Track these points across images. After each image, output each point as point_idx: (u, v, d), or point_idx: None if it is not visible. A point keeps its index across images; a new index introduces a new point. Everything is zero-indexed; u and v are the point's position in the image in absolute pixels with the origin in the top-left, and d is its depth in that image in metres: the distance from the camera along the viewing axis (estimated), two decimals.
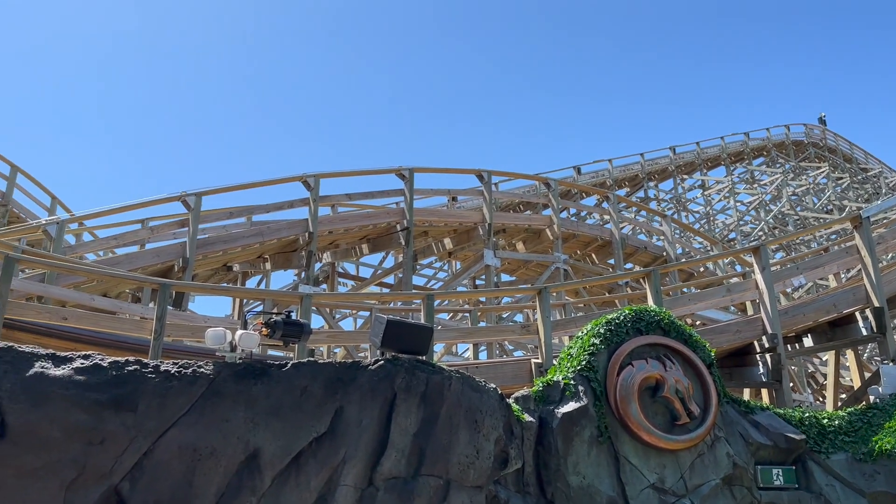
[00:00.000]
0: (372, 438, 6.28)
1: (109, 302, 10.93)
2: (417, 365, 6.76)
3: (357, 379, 6.43)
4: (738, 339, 11.04)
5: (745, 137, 36.47)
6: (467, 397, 6.78)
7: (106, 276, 11.27)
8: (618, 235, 18.67)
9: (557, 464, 7.55)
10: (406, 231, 16.16)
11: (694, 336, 8.99)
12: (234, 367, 6.12)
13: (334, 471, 6.05)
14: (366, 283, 19.75)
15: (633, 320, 8.72)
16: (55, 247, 12.27)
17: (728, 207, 33.29)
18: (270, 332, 6.48)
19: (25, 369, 5.66)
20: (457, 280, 18.78)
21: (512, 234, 18.74)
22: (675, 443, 8.09)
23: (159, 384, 5.86)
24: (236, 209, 14.79)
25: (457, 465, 6.52)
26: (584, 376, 8.16)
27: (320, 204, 15.22)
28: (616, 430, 8.02)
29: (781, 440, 8.68)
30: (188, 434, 5.75)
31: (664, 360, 8.49)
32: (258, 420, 5.94)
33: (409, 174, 16.26)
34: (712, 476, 8.19)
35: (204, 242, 13.90)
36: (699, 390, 8.54)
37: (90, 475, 5.51)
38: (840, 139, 40.63)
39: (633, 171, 32.59)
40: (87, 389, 5.66)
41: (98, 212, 13.79)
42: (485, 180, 17.29)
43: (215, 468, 5.71)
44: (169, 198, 13.67)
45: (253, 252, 15.21)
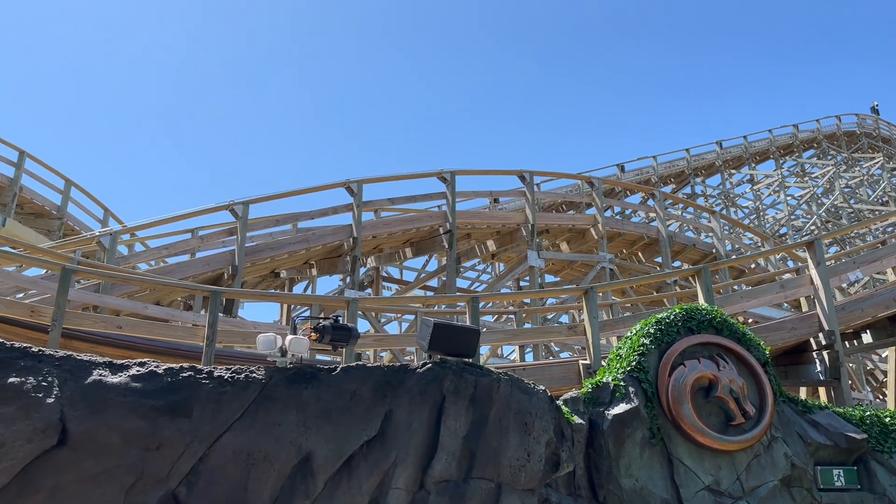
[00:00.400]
0: (422, 441, 6.28)
1: (162, 310, 11.18)
2: (465, 367, 6.74)
3: (405, 382, 6.44)
4: (794, 336, 10.76)
5: (794, 130, 35.50)
6: (516, 399, 6.73)
7: (158, 284, 11.54)
8: (665, 233, 18.37)
9: (609, 466, 7.45)
10: (449, 234, 16.17)
11: (748, 334, 8.79)
12: (284, 372, 6.20)
13: (385, 474, 6.07)
14: (410, 287, 19.82)
15: (684, 319, 8.57)
16: (109, 258, 12.61)
17: (778, 202, 32.46)
18: (319, 336, 6.54)
19: (84, 377, 5.81)
20: (501, 282, 18.70)
21: (555, 235, 18.60)
22: (730, 443, 7.93)
23: (213, 390, 5.95)
24: (282, 216, 15.00)
25: (508, 468, 6.48)
26: (635, 377, 8.05)
27: (364, 209, 15.33)
28: (669, 431, 7.89)
29: (842, 440, 8.43)
30: (242, 438, 5.83)
31: (717, 360, 8.33)
32: (309, 424, 5.99)
33: (451, 177, 16.27)
34: (770, 477, 8.00)
35: (252, 250, 14.13)
36: (754, 390, 8.36)
37: (148, 480, 5.62)
38: (894, 128, 39.29)
39: (678, 168, 32.01)
40: (144, 396, 5.79)
41: (149, 222, 14.12)
42: (527, 181, 17.20)
43: (269, 472, 5.78)
44: (217, 207, 13.93)
45: (299, 258, 15.41)
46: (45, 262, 10.74)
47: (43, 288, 10.30)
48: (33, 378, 5.64)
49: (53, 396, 5.60)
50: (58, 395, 5.62)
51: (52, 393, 5.62)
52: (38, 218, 18.58)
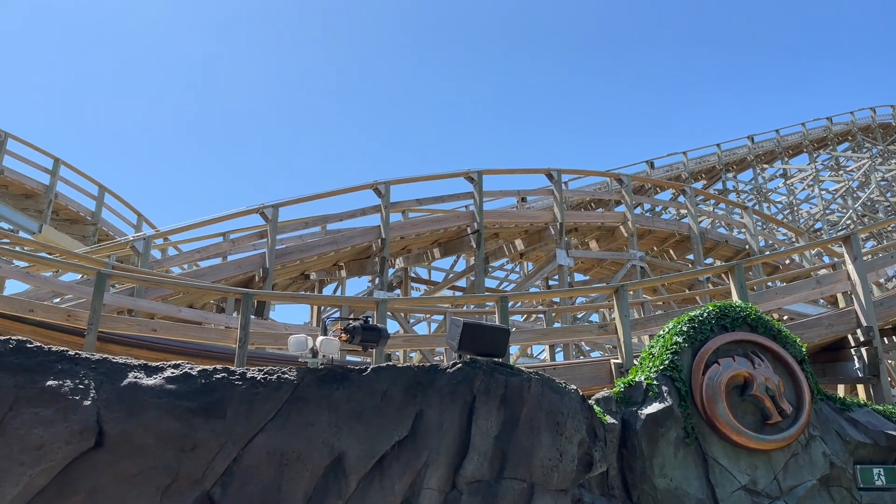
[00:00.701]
0: (453, 441, 6.28)
1: (195, 313, 11.33)
2: (496, 367, 6.72)
3: (436, 382, 6.44)
4: (831, 333, 10.53)
5: (827, 122, 34.82)
6: (548, 399, 6.69)
7: (191, 287, 11.70)
8: (696, 230, 18.13)
9: (643, 466, 7.37)
10: (476, 234, 16.15)
11: (783, 331, 8.64)
12: (316, 373, 6.23)
13: (417, 474, 6.07)
14: (438, 287, 19.83)
15: (718, 317, 8.44)
16: (142, 262, 12.82)
17: (812, 196, 31.88)
18: (350, 337, 6.57)
19: (120, 380, 5.90)
20: (529, 281, 18.63)
21: (584, 233, 18.46)
22: (766, 443, 7.80)
23: (246, 391, 6.01)
24: (311, 219, 15.10)
25: (540, 468, 6.45)
26: (668, 376, 7.95)
27: (391, 210, 15.37)
28: (703, 430, 7.78)
29: (882, 438, 8.26)
30: (275, 439, 5.88)
31: (752, 358, 8.20)
32: (341, 424, 6.02)
33: (478, 177, 16.24)
34: (808, 477, 7.86)
35: (282, 252, 14.25)
36: (791, 387, 8.21)
37: (183, 481, 5.69)
38: None
39: (709, 163, 31.58)
40: (178, 398, 5.86)
41: (181, 227, 14.33)
42: (554, 179, 17.10)
43: (302, 472, 5.82)
44: (248, 210, 14.08)
45: (328, 260, 15.50)
46: (80, 267, 10.95)
47: (79, 292, 10.51)
48: (70, 381, 5.75)
49: (90, 399, 5.70)
50: (94, 397, 5.72)
51: (89, 395, 5.72)
52: (73, 224, 18.98)
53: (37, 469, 5.37)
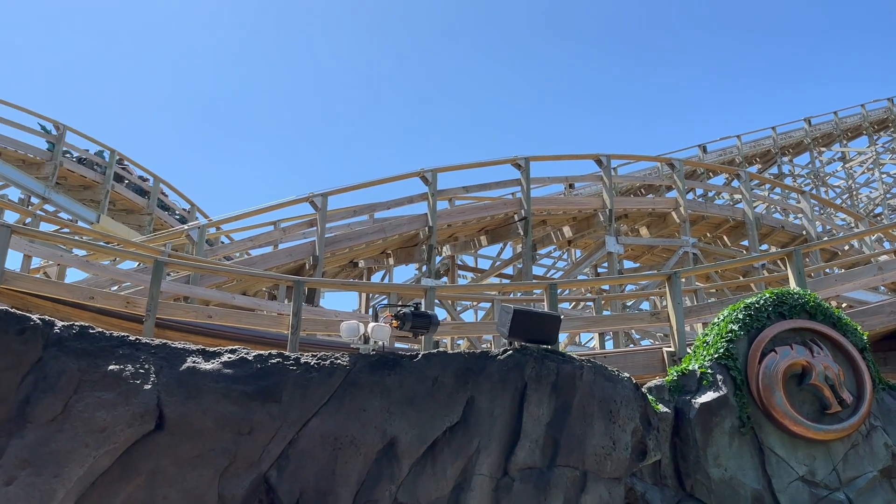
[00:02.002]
0: (504, 428, 6.28)
1: (248, 300, 11.55)
2: (547, 354, 6.69)
3: (486, 369, 6.44)
4: (893, 320, 10.17)
5: (889, 104, 33.49)
6: (600, 387, 6.64)
7: (245, 275, 11.93)
8: (751, 215, 17.68)
9: (696, 456, 7.27)
10: (524, 221, 16.04)
11: (844, 319, 8.40)
12: (368, 359, 6.30)
13: (469, 460, 6.10)
14: (485, 275, 19.80)
15: (775, 304, 8.25)
16: (197, 250, 13.12)
17: (873, 180, 30.79)
18: (400, 324, 6.62)
19: (178, 364, 6.07)
20: (577, 268, 18.44)
21: (634, 219, 18.18)
22: (825, 433, 7.61)
23: (300, 376, 6.11)
24: (359, 207, 15.22)
25: (593, 456, 6.41)
26: (723, 364, 7.81)
27: (438, 198, 15.37)
28: (759, 420, 7.62)
29: None
30: (329, 423, 5.97)
31: (811, 346, 7.99)
32: (393, 409, 6.08)
33: (525, 163, 16.11)
34: (868, 468, 7.67)
35: (331, 241, 14.41)
36: (851, 377, 8.00)
37: (241, 463, 5.83)
38: None
39: (764, 147, 30.71)
40: (235, 382, 6.00)
41: (233, 216, 14.60)
42: (604, 164, 16.86)
43: (355, 456, 5.90)
44: (297, 199, 14.26)
45: (376, 248, 15.62)
46: (138, 255, 11.27)
47: (136, 280, 10.82)
48: (131, 365, 5.93)
49: (150, 383, 5.88)
50: (154, 381, 5.89)
51: (150, 379, 5.90)
52: (129, 214, 19.54)
53: (101, 451, 5.57)
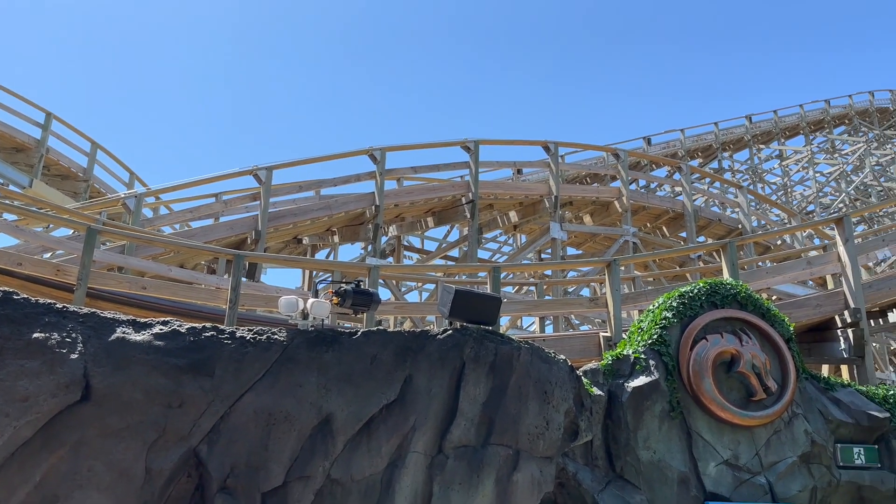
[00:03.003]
0: (441, 407, 6.32)
1: (186, 273, 11.30)
2: (486, 335, 6.74)
3: (426, 348, 6.46)
4: (819, 313, 10.62)
5: (825, 105, 34.71)
6: (536, 368, 6.73)
7: (183, 247, 11.64)
8: (690, 207, 18.13)
9: (627, 438, 7.45)
10: (471, 204, 16.10)
11: (772, 310, 8.69)
12: (306, 335, 6.24)
13: (404, 438, 6.12)
14: (431, 256, 19.82)
15: (708, 294, 8.48)
16: (134, 220, 12.74)
17: (807, 178, 31.88)
18: (341, 300, 6.57)
19: (108, 334, 5.89)
20: (522, 253, 18.63)
21: (579, 207, 18.44)
22: (750, 419, 7.88)
23: (235, 350, 6.01)
24: (305, 183, 15.02)
25: (526, 436, 6.51)
26: (656, 350, 8.00)
27: (386, 177, 15.28)
28: (688, 405, 7.86)
29: (863, 418, 8.35)
30: (263, 398, 5.90)
31: (740, 335, 8.25)
32: (330, 386, 6.05)
33: (475, 146, 16.14)
34: (789, 453, 7.97)
35: (275, 215, 14.19)
36: (777, 366, 8.29)
37: (170, 437, 5.72)
38: None
39: (706, 142, 31.48)
40: (167, 354, 5.86)
41: (173, 186, 14.21)
42: (551, 151, 17.02)
43: (289, 432, 5.85)
44: (241, 172, 13.97)
45: (322, 225, 15.45)
46: (71, 222, 10.87)
47: (69, 248, 10.44)
48: (57, 334, 5.73)
49: (77, 352, 5.69)
50: (82, 351, 5.71)
51: (76, 349, 5.71)
52: (65, 180, 18.79)
53: (22, 421, 5.38)
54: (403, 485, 5.96)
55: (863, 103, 35.96)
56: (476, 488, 6.13)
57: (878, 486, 8.09)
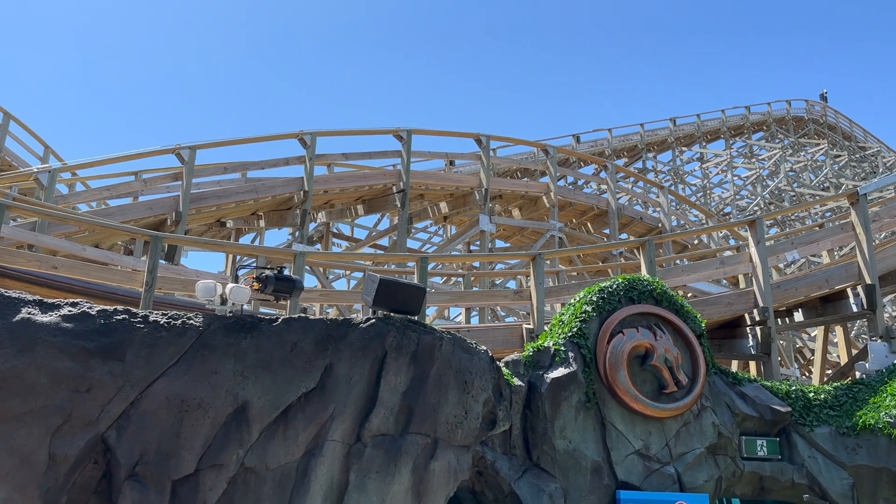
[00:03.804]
0: (361, 395, 6.30)
1: (101, 253, 10.86)
2: (409, 325, 6.75)
3: (348, 336, 6.42)
4: (730, 311, 11.07)
5: (745, 111, 36.19)
6: (458, 358, 6.79)
7: (98, 226, 11.19)
8: (614, 205, 18.60)
9: (545, 427, 7.61)
10: (402, 193, 16.06)
11: (685, 306, 9.00)
12: (223, 321, 6.10)
13: (322, 426, 6.07)
14: (360, 245, 19.69)
15: (626, 289, 8.72)
16: (47, 196, 12.16)
17: (725, 181, 33.18)
18: (261, 286, 6.45)
19: (11, 315, 5.62)
20: (451, 244, 18.73)
21: (508, 201, 18.65)
22: (661, 411, 8.15)
23: (148, 334, 5.83)
24: (231, 164, 14.66)
25: (445, 425, 6.56)
26: (575, 343, 8.18)
27: (316, 163, 15.06)
28: (604, 396, 8.07)
29: (767, 412, 8.75)
30: (176, 385, 5.75)
31: (655, 330, 8.51)
32: (247, 374, 5.94)
33: (407, 136, 16.09)
34: (697, 445, 8.28)
35: (197, 197, 13.80)
36: (688, 360, 8.58)
37: (76, 422, 5.51)
38: (840, 116, 40.36)
39: (632, 142, 32.36)
40: (75, 337, 5.63)
41: (91, 162, 13.63)
42: (483, 144, 17.13)
43: (203, 419, 5.72)
44: (163, 150, 13.52)
45: (247, 209, 15.11)
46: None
47: None
48: None
49: None
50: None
51: None
52: None
53: None
54: (319, 473, 5.92)
55: (780, 111, 37.68)
56: (393, 476, 6.15)
57: (778, 476, 8.52)
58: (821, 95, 41.73)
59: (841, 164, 34.84)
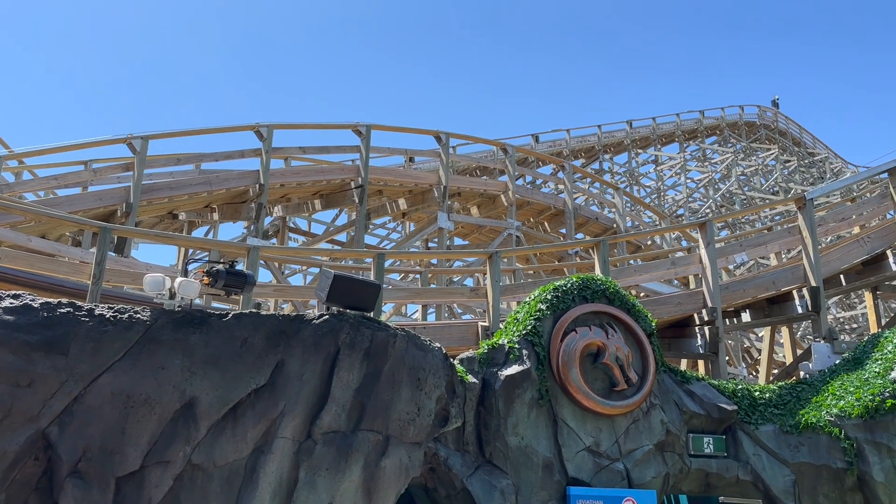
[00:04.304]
0: (313, 392, 6.24)
1: (47, 244, 10.55)
2: (363, 321, 6.71)
3: (300, 332, 6.35)
4: (680, 311, 11.29)
5: (700, 115, 36.96)
6: (412, 355, 6.78)
7: (45, 216, 10.87)
8: (571, 205, 18.79)
9: (498, 424, 7.65)
10: (360, 189, 15.95)
11: (637, 306, 9.15)
12: (172, 315, 5.98)
13: (272, 423, 6.00)
14: (317, 240, 19.51)
15: (580, 288, 8.82)
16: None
17: (679, 184, 33.80)
18: (212, 281, 6.33)
19: None
20: (409, 241, 18.69)
21: (467, 198, 18.69)
22: (612, 408, 8.28)
23: (93, 328, 5.68)
24: (184, 155, 14.38)
25: (397, 422, 6.55)
26: (529, 341, 8.25)
27: (273, 156, 14.86)
28: (556, 393, 8.16)
29: (714, 410, 8.95)
30: (122, 380, 5.61)
31: (607, 328, 8.63)
32: (195, 369, 5.83)
33: (367, 131, 15.99)
34: (646, 441, 8.43)
35: (149, 188, 13.50)
36: (638, 358, 8.73)
37: (16, 417, 5.34)
38: (791, 123, 41.55)
39: (589, 143, 32.75)
40: (16, 330, 5.46)
41: (39, 149, 13.23)
42: (443, 142, 17.13)
43: (149, 416, 5.60)
44: (114, 139, 13.19)
45: (200, 201, 14.83)
46: None
47: None
48: None
49: None
50: None
51: None
52: None
53: None
54: (268, 470, 5.86)
55: (733, 116, 38.58)
56: (343, 474, 6.12)
57: (724, 473, 8.72)
58: (773, 102, 42.92)
59: (790, 169, 35.79)
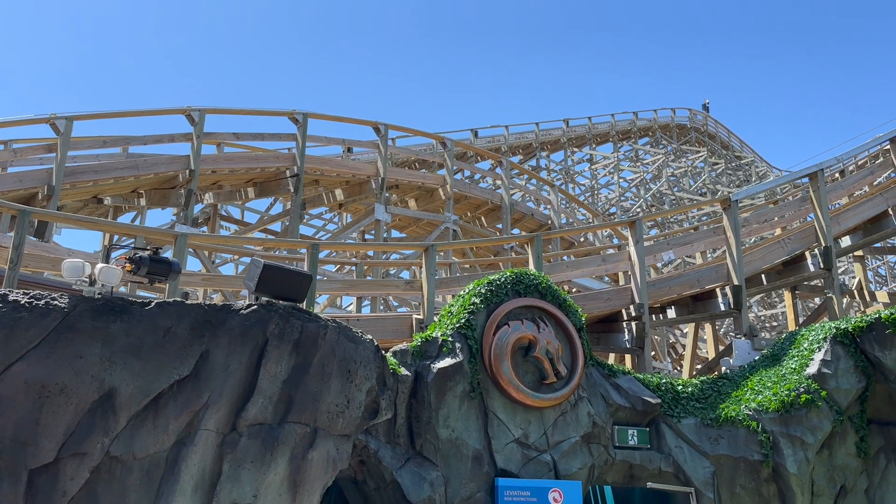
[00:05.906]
0: (239, 384, 6.11)
1: None
2: (293, 312, 6.61)
3: (227, 323, 6.21)
4: (609, 306, 11.57)
5: (633, 117, 37.88)
6: (342, 347, 6.71)
7: None
8: (507, 201, 18.97)
9: (429, 417, 7.68)
10: (296, 178, 15.70)
11: (568, 301, 9.31)
12: (91, 302, 5.75)
13: (196, 415, 5.85)
14: (250, 229, 19.12)
15: (513, 282, 8.92)
16: None
17: (612, 183, 34.56)
18: (135, 268, 6.12)
19: None
20: (345, 232, 18.52)
21: (405, 191, 18.64)
22: (541, 401, 8.41)
23: (6, 315, 5.42)
24: (111, 138, 13.84)
25: (325, 414, 6.48)
26: (462, 334, 8.31)
27: (204, 141, 14.46)
28: (487, 386, 8.24)
29: (639, 403, 9.19)
30: (37, 369, 5.37)
31: (538, 322, 8.76)
32: (115, 359, 5.63)
33: (303, 119, 15.74)
34: (573, 433, 8.59)
35: (73, 171, 12.96)
36: (568, 352, 8.89)
37: None
38: (720, 126, 42.99)
39: (527, 140, 33.15)
40: None
41: None
42: (381, 133, 17.02)
43: (65, 406, 5.38)
44: (36, 119, 12.59)
45: (127, 185, 14.32)
46: None
47: None
48: None
49: None
50: None
51: None
52: None
53: None
54: (191, 463, 5.71)
55: (665, 118, 39.68)
56: (268, 466, 6.02)
57: (647, 464, 8.97)
58: (703, 105, 44.26)
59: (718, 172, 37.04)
